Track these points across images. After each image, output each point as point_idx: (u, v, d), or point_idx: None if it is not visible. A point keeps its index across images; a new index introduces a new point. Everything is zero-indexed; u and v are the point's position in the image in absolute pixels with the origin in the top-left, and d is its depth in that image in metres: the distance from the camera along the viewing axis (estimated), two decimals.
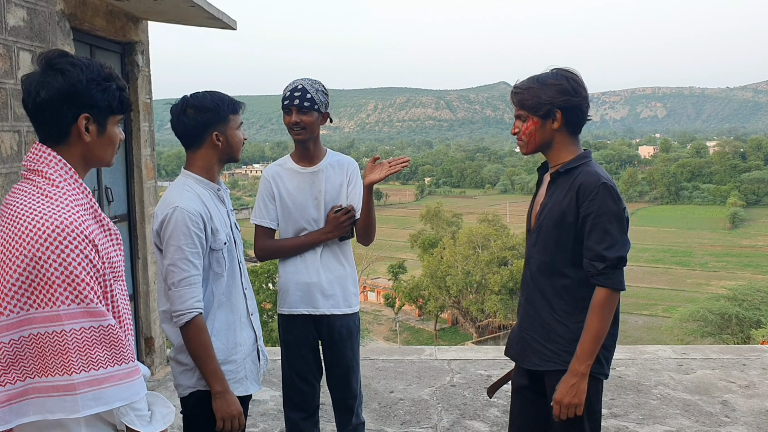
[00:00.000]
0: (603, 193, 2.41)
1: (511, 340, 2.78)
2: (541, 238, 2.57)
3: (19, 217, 1.69)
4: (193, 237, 2.46)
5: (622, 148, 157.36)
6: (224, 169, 2.87)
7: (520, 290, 2.81)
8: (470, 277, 43.54)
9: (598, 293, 2.42)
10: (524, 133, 2.58)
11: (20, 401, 1.65)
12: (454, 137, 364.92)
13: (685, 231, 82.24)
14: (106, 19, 4.90)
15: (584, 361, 2.44)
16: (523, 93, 2.55)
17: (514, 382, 2.83)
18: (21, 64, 3.83)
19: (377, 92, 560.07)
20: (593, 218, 2.40)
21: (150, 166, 5.68)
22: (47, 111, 1.77)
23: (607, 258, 2.38)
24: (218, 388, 2.49)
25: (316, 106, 3.16)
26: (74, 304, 1.65)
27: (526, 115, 2.56)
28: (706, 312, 31.02)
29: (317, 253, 3.27)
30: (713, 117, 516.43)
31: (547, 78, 2.55)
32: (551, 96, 2.49)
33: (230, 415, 2.51)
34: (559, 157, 2.58)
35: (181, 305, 2.45)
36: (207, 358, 2.47)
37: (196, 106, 2.56)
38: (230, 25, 5.68)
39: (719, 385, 5.05)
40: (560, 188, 2.53)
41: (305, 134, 3.19)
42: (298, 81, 3.20)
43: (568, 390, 2.45)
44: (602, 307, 2.42)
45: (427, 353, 5.97)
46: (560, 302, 2.54)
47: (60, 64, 1.77)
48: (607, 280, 2.40)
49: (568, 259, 2.51)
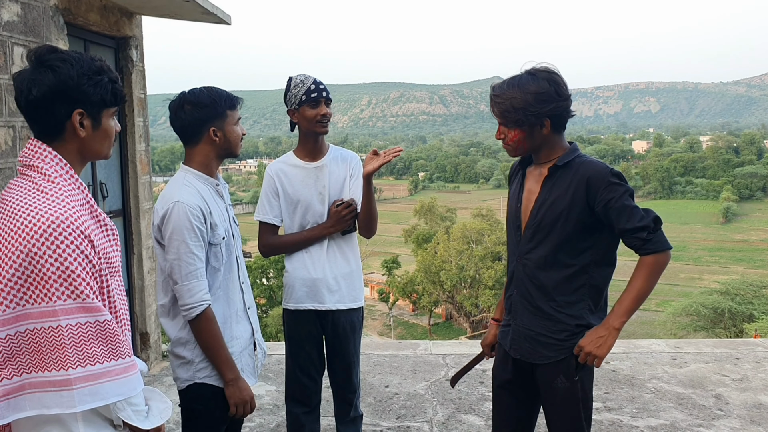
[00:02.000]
0: (614, 179, 2.45)
1: (514, 339, 2.68)
2: (541, 232, 2.54)
3: (15, 212, 1.70)
4: (195, 230, 2.48)
5: (615, 143, 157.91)
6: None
7: (507, 287, 2.74)
8: (464, 272, 43.59)
9: (647, 258, 2.44)
10: (511, 140, 2.55)
11: (17, 396, 1.65)
12: (447, 132, 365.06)
13: (678, 225, 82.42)
14: (100, 14, 4.89)
15: (620, 317, 2.46)
16: (505, 104, 2.48)
17: (496, 378, 2.80)
18: (15, 59, 3.82)
19: (371, 87, 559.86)
20: (614, 202, 2.42)
21: (145, 161, 5.67)
22: (40, 108, 1.77)
23: (647, 225, 2.42)
24: (230, 375, 2.55)
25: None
26: (70, 300, 1.66)
27: (511, 125, 2.51)
28: (699, 306, 31.14)
29: (323, 249, 3.28)
30: (706, 112, 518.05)
31: (527, 85, 2.46)
32: (537, 108, 2.45)
33: (243, 401, 2.57)
34: (551, 155, 2.57)
35: (191, 298, 2.48)
36: (218, 348, 2.53)
37: (193, 102, 2.56)
38: (225, 20, 5.67)
39: (713, 379, 5.08)
40: (560, 182, 2.52)
41: (328, 127, 3.25)
42: (308, 75, 3.24)
43: (595, 340, 2.47)
44: (653, 269, 2.44)
45: (422, 348, 5.98)
46: (560, 294, 2.55)
47: (50, 61, 1.76)
48: (655, 244, 2.42)
49: (571, 249, 2.52)
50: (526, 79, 2.49)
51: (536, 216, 2.56)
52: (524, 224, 2.62)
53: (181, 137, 2.63)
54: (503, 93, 2.50)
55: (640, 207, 2.45)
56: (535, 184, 2.61)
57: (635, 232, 2.42)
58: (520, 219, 2.64)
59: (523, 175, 2.69)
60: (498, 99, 2.52)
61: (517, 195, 2.68)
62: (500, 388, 2.79)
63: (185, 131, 2.60)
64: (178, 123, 2.60)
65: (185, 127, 2.59)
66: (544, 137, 2.53)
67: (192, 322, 2.50)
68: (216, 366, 2.54)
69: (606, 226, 2.50)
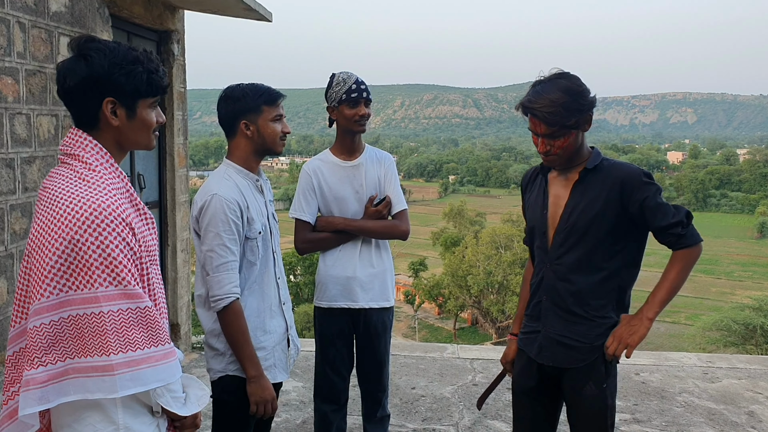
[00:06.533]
0: (646, 179, 2.49)
1: (544, 345, 2.64)
2: (573, 236, 2.54)
3: (58, 200, 1.72)
4: (230, 223, 2.52)
5: (650, 152, 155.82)
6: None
7: (533, 295, 2.71)
8: (492, 278, 43.37)
9: (681, 252, 2.49)
10: (560, 148, 2.50)
11: (62, 381, 1.67)
12: (480, 136, 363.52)
13: (711, 239, 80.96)
14: (144, 7, 4.95)
15: (654, 307, 2.50)
16: (558, 110, 2.42)
17: (518, 385, 2.77)
18: (62, 49, 3.88)
19: (404, 89, 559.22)
20: (648, 201, 2.46)
21: (182, 154, 5.73)
22: (75, 97, 1.80)
23: (681, 221, 2.46)
24: (253, 372, 2.55)
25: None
26: (112, 286, 1.68)
27: (563, 131, 2.47)
28: (730, 321, 30.56)
29: (357, 247, 3.29)
30: (745, 124, 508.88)
31: (567, 88, 2.44)
32: (584, 105, 2.47)
33: (263, 400, 2.57)
34: (580, 158, 2.58)
35: (219, 290, 2.51)
36: (243, 343, 2.53)
37: (226, 96, 2.67)
38: (266, 17, 5.70)
39: (745, 395, 4.99)
40: (592, 186, 2.52)
41: (365, 127, 3.27)
42: (351, 74, 3.25)
43: (629, 328, 2.50)
44: (687, 262, 2.49)
45: (450, 351, 5.97)
46: (595, 297, 2.55)
47: (86, 50, 1.78)
48: (689, 239, 2.47)
49: (606, 252, 2.53)
50: (561, 83, 2.46)
51: (568, 221, 2.55)
52: (552, 230, 2.60)
53: (223, 129, 2.71)
54: (542, 98, 2.44)
55: (671, 204, 2.50)
56: (563, 189, 2.60)
57: (670, 228, 2.46)
58: (546, 225, 2.63)
59: (545, 181, 2.68)
60: (546, 109, 2.42)
61: (542, 201, 2.66)
62: (522, 394, 2.76)
63: (222, 123, 2.69)
64: (218, 115, 2.70)
65: (221, 119, 2.69)
66: (583, 138, 2.55)
67: (219, 313, 2.53)
68: (240, 360, 2.56)
69: (636, 228, 2.52)
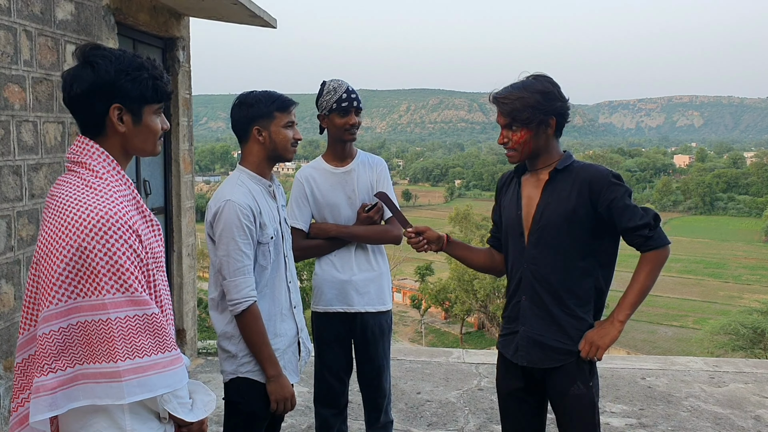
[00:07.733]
0: (614, 180, 2.54)
1: (522, 346, 2.66)
2: (546, 236, 2.58)
3: (65, 208, 1.74)
4: (244, 228, 2.57)
5: (657, 156, 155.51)
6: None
7: (514, 294, 2.72)
8: (498, 282, 43.22)
9: (649, 254, 2.52)
10: (517, 143, 2.60)
11: (71, 387, 1.69)
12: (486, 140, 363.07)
13: (718, 242, 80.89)
14: (149, 15, 4.99)
15: (625, 310, 2.54)
16: (514, 103, 2.54)
17: (502, 387, 2.79)
18: (67, 57, 3.92)
19: (410, 93, 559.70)
20: (616, 202, 2.50)
21: (188, 160, 5.76)
22: (81, 104, 1.82)
23: (648, 223, 2.49)
24: (272, 372, 2.62)
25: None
26: (119, 293, 1.70)
27: (518, 125, 2.57)
28: (737, 325, 30.49)
29: (351, 252, 3.31)
30: (752, 127, 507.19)
31: (533, 86, 2.55)
32: (545, 105, 2.53)
33: (283, 398, 2.64)
34: (548, 160, 2.64)
35: (237, 294, 2.56)
36: (262, 344, 2.60)
37: (240, 102, 2.72)
38: (270, 23, 5.74)
39: (752, 400, 4.98)
40: (562, 185, 2.58)
41: (356, 135, 3.29)
42: (342, 82, 3.26)
43: (600, 331, 2.55)
44: (655, 265, 2.53)
45: (455, 356, 5.97)
46: (571, 296, 2.59)
47: (91, 57, 1.80)
48: (656, 241, 2.50)
49: (579, 251, 2.57)
50: (530, 81, 2.58)
51: (539, 220, 2.60)
52: (527, 230, 2.65)
53: (236, 135, 2.76)
54: (510, 94, 2.57)
55: (639, 205, 2.54)
56: (535, 190, 2.65)
57: (638, 230, 2.50)
58: (522, 226, 2.67)
59: (518, 184, 2.74)
60: (505, 100, 2.57)
61: (516, 202, 2.71)
62: (509, 396, 2.78)
63: (235, 129, 2.73)
64: (231, 121, 2.75)
65: (234, 125, 2.73)
66: (547, 139, 2.60)
67: (238, 317, 2.58)
68: (259, 362, 2.61)
69: (609, 229, 2.56)
